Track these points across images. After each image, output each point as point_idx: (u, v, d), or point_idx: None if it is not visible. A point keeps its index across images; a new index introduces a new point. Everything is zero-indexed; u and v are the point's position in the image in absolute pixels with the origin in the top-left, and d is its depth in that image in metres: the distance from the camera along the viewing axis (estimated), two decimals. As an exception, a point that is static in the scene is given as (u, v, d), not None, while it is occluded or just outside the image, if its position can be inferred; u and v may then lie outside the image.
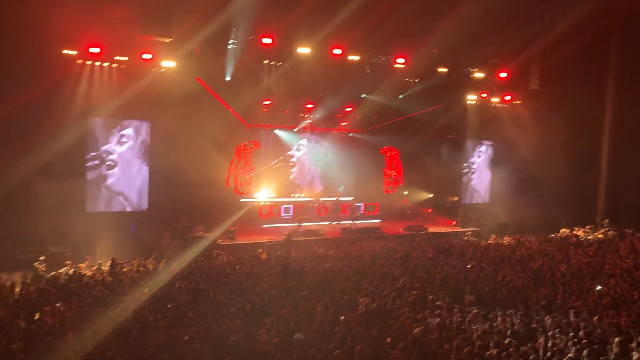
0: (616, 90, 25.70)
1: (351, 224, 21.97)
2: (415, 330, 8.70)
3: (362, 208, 24.83)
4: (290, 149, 25.45)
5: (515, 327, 9.45)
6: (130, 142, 19.39)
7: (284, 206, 23.49)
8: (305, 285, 12.03)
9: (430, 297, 11.30)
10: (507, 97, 25.58)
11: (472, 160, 27.69)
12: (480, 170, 28.04)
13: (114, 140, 19.08)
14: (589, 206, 25.86)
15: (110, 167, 19.00)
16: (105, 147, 18.89)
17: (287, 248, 17.99)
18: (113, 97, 18.21)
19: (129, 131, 19.33)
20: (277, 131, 24.77)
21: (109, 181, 19.02)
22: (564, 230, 23.23)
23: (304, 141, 25.88)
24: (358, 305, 10.39)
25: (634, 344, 8.20)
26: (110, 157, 19.03)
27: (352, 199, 24.62)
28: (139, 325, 9.03)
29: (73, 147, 17.98)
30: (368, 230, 21.74)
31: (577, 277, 13.67)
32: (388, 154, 25.11)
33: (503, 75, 23.99)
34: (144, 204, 19.71)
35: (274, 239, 19.67)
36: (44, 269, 14.64)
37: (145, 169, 19.68)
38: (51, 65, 16.46)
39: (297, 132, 25.23)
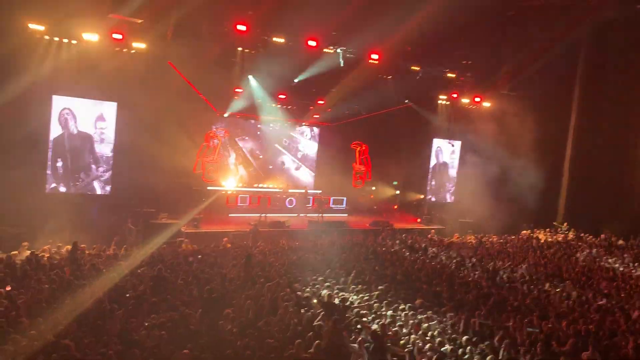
0: (582, 96, 26.36)
1: (318, 217, 22.02)
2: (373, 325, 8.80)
3: (329, 202, 24.88)
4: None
5: (475, 326, 9.61)
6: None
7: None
8: (269, 276, 12.00)
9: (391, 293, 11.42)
10: (477, 99, 25.95)
11: (439, 159, 28.05)
12: (446, 170, 28.43)
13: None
14: (550, 209, 26.53)
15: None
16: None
17: (253, 238, 17.90)
18: (80, 76, 17.67)
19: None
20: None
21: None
22: (525, 232, 23.80)
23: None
24: (319, 298, 10.44)
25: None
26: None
27: (320, 192, 24.67)
28: (97, 312, 8.84)
29: (35, 125, 17.47)
30: (335, 224, 21.82)
31: (536, 279, 14.04)
32: (358, 149, 25.25)
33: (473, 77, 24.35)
34: (107, 187, 19.29)
35: (240, 228, 19.56)
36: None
37: (105, 154, 19.22)
38: (15, 39, 15.87)
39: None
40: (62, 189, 18.51)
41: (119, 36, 17.36)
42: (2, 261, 12.04)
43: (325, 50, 20.52)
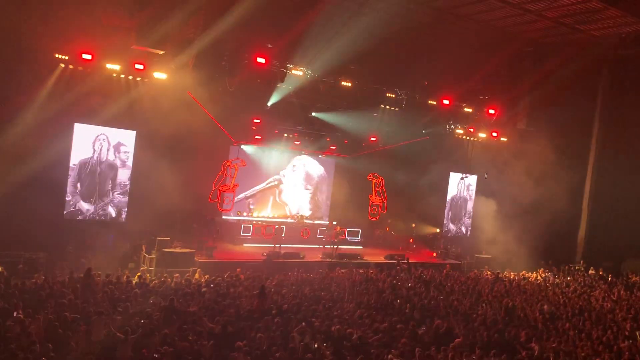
0: (601, 132, 26.19)
1: (332, 248, 21.84)
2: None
3: (345, 233, 24.70)
4: (278, 169, 25.32)
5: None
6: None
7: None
8: (282, 309, 11.85)
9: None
10: (494, 134, 25.88)
11: (455, 192, 27.86)
12: (463, 204, 28.20)
13: (96, 150, 18.85)
14: (569, 248, 26.08)
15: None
16: (82, 159, 18.64)
17: (267, 269, 17.78)
18: (101, 104, 18.02)
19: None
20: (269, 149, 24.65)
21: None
22: (542, 269, 23.33)
23: (298, 161, 25.84)
24: (333, 332, 10.24)
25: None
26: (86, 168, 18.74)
27: (335, 223, 24.54)
28: (110, 340, 8.77)
29: (56, 152, 17.75)
30: (349, 256, 21.61)
31: (555, 318, 13.69)
32: (374, 181, 25.18)
33: (491, 112, 24.33)
34: (122, 214, 19.42)
35: (253, 259, 19.48)
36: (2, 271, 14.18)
37: (123, 181, 19.42)
38: (41, 68, 16.30)
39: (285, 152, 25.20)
40: (80, 214, 18.65)
41: (141, 66, 17.75)
42: (17, 286, 12.08)
43: (343, 83, 20.73)
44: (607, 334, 12.23)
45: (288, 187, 25.49)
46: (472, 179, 28.13)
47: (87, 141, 18.72)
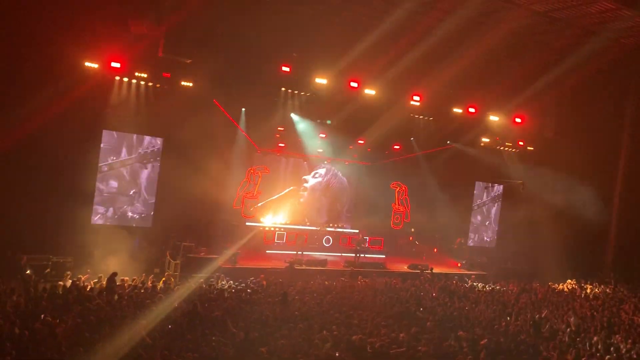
0: (631, 142, 25.67)
1: (355, 256, 21.76)
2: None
3: (367, 242, 24.58)
4: (301, 176, 25.36)
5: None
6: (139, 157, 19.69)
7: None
8: (304, 316, 11.85)
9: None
10: (521, 143, 25.54)
11: (481, 202, 27.53)
12: (488, 214, 27.85)
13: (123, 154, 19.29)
14: (598, 259, 25.52)
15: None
16: (113, 160, 19.09)
17: (289, 276, 17.81)
18: (129, 111, 18.43)
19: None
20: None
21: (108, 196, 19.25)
22: (570, 281, 22.86)
23: (322, 170, 25.84)
24: (355, 341, 10.18)
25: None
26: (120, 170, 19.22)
27: (358, 232, 24.46)
28: (136, 344, 8.88)
29: (84, 158, 18.18)
30: (372, 265, 21.50)
31: (583, 331, 13.40)
32: (397, 189, 25.05)
33: (518, 120, 24.01)
34: (148, 220, 19.74)
35: (276, 265, 19.55)
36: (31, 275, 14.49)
37: (150, 185, 19.78)
38: (72, 77, 16.69)
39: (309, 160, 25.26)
40: (107, 219, 19.04)
41: (169, 75, 18.08)
42: (45, 290, 12.34)
43: (366, 91, 20.74)
44: (636, 348, 11.93)
45: (308, 194, 25.50)
46: (498, 188, 27.77)
47: (115, 147, 19.16)
